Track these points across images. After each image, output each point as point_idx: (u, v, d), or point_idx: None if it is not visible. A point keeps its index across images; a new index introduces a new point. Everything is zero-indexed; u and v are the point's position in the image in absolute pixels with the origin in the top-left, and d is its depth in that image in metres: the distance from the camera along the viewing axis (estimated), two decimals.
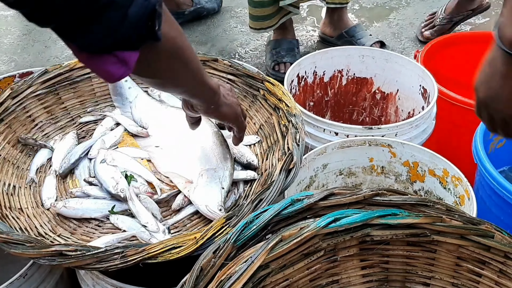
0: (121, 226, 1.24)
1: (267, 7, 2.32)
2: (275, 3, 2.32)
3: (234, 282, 0.87)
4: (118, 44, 0.80)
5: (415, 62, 1.76)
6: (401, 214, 0.97)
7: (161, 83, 1.03)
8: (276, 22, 2.40)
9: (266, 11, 2.34)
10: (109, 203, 1.28)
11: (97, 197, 1.30)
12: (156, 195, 1.29)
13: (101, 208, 1.27)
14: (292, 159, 1.23)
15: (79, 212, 1.26)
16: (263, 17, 2.37)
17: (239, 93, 1.53)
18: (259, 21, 2.39)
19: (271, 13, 2.35)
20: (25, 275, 1.17)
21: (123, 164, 1.34)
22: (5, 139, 1.38)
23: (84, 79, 1.53)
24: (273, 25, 2.40)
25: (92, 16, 0.76)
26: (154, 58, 0.90)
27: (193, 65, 1.03)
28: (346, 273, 1.01)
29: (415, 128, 1.51)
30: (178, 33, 0.95)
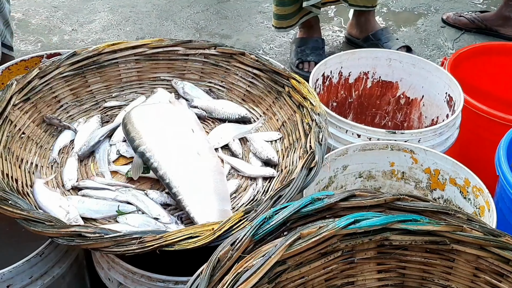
0: (133, 224, 1.20)
1: (288, 6, 2.33)
2: (295, 2, 2.31)
3: (251, 275, 0.87)
4: None
5: (443, 69, 1.75)
6: (421, 221, 0.96)
7: None
8: (296, 22, 2.40)
9: (287, 10, 2.34)
10: (111, 204, 1.24)
11: (99, 197, 1.26)
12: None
13: (102, 209, 1.23)
14: (313, 157, 1.22)
15: (80, 211, 1.21)
16: (284, 16, 2.37)
17: (263, 88, 1.53)
18: (280, 20, 2.39)
19: (291, 12, 2.35)
20: (42, 254, 1.18)
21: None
22: (30, 118, 1.39)
23: (111, 64, 1.54)
24: (292, 25, 2.40)
25: None
26: None
27: None
28: (362, 275, 1.01)
29: (438, 135, 1.50)
30: None
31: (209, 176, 1.28)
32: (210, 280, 0.88)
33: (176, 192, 1.23)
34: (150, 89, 1.58)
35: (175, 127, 1.38)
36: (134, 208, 1.24)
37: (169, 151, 1.30)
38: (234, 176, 1.37)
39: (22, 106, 1.38)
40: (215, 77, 1.59)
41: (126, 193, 1.26)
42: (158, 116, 1.40)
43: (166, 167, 1.26)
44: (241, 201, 1.30)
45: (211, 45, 1.58)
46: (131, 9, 2.97)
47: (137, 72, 1.58)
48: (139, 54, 1.56)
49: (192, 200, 1.23)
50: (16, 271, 1.15)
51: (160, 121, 1.38)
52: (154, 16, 2.93)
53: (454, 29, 2.84)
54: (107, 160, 1.37)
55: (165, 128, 1.36)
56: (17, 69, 1.72)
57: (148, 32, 2.80)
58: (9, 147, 1.30)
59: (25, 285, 1.18)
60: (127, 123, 1.36)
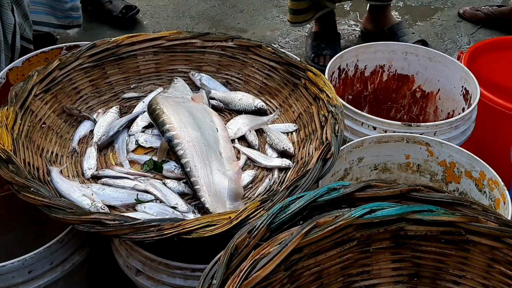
0: (151, 213, 1.22)
1: (303, 0, 2.33)
2: None
3: (267, 262, 0.88)
4: None
5: (459, 63, 1.74)
6: (437, 211, 0.97)
7: None
8: (311, 17, 2.40)
9: (301, 5, 2.35)
10: (130, 192, 1.27)
11: (118, 186, 1.29)
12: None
13: (121, 197, 1.25)
14: (329, 149, 1.24)
15: (99, 198, 1.23)
16: (298, 11, 2.37)
17: (280, 80, 1.54)
18: (295, 15, 2.40)
19: (306, 7, 2.35)
20: (62, 241, 1.21)
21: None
22: (51, 108, 1.42)
23: (130, 56, 1.56)
24: (308, 20, 2.41)
25: None
26: None
27: None
28: (377, 265, 1.02)
29: (454, 128, 1.50)
30: None
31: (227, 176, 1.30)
32: (228, 267, 0.89)
33: (194, 181, 1.25)
34: (167, 81, 1.60)
35: (203, 123, 1.40)
36: (152, 197, 1.26)
37: (195, 143, 1.32)
38: (250, 167, 1.39)
39: (43, 96, 1.41)
40: (232, 69, 1.61)
41: (144, 182, 1.28)
42: (187, 109, 1.43)
43: (190, 157, 1.29)
44: (257, 191, 1.32)
45: (228, 38, 1.60)
46: (148, 2, 2.99)
47: (155, 64, 1.60)
48: (157, 46, 1.58)
49: (208, 192, 1.25)
50: (37, 257, 1.18)
51: (189, 113, 1.41)
52: (171, 9, 2.95)
53: (470, 23, 2.82)
54: (125, 150, 1.39)
55: (193, 122, 1.39)
56: (37, 61, 1.75)
57: (164, 25, 2.81)
58: (30, 136, 1.33)
59: (45, 271, 1.21)
60: (156, 108, 1.38)
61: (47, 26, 2.37)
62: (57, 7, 2.32)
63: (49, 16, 2.32)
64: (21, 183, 1.12)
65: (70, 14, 2.36)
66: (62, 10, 2.33)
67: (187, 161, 1.28)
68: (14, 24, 1.99)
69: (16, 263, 1.16)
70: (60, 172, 1.30)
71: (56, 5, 2.30)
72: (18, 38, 2.02)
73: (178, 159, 1.30)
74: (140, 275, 1.20)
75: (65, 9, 2.34)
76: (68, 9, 2.34)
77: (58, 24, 2.37)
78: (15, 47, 2.02)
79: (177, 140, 1.32)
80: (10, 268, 1.16)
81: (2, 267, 1.15)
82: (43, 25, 2.36)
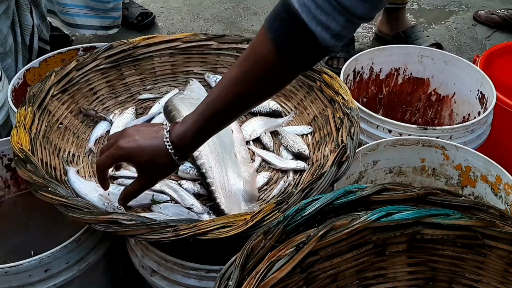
0: (166, 213, 1.23)
1: None
2: None
3: (284, 265, 0.89)
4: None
5: (475, 66, 1.74)
6: (454, 215, 0.97)
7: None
8: None
9: None
10: (146, 193, 1.24)
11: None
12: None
13: (137, 197, 1.23)
14: (345, 151, 1.24)
15: (116, 198, 1.22)
16: None
17: (295, 82, 1.54)
18: None
19: None
20: (79, 240, 1.22)
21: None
22: (68, 109, 1.43)
23: (146, 57, 1.57)
24: None
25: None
26: None
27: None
28: (393, 269, 1.02)
29: (470, 132, 1.50)
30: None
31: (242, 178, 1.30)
32: (244, 268, 0.90)
33: (210, 182, 1.25)
34: (183, 82, 1.60)
35: None
36: (168, 198, 1.26)
37: (211, 145, 1.32)
38: (265, 169, 1.39)
39: (60, 97, 1.42)
40: None
41: (160, 182, 1.28)
42: None
43: (206, 158, 1.29)
44: (271, 193, 1.32)
45: (244, 40, 1.60)
46: (162, 4, 3.01)
47: (171, 66, 1.61)
48: (173, 48, 1.59)
49: (223, 193, 1.25)
50: (54, 256, 1.19)
51: None
52: (185, 11, 2.96)
53: (485, 27, 2.81)
54: None
55: None
56: (54, 62, 1.77)
57: (179, 27, 2.83)
58: (48, 136, 1.34)
59: (61, 270, 1.22)
60: (172, 109, 1.39)
61: (89, 29, 2.40)
62: (99, 8, 2.34)
63: (91, 18, 2.34)
64: (39, 182, 1.13)
65: (111, 14, 2.39)
66: (105, 10, 2.36)
67: (203, 162, 1.28)
68: (32, 25, 2.01)
69: (33, 262, 1.17)
70: (77, 172, 1.31)
71: (98, 6, 2.32)
72: (36, 39, 2.05)
73: (193, 160, 1.31)
74: (155, 275, 1.21)
75: (107, 9, 2.36)
76: (109, 9, 2.37)
77: (99, 26, 2.39)
78: (32, 48, 2.05)
79: None
80: (27, 267, 1.17)
81: (19, 266, 1.16)
82: (85, 28, 2.39)
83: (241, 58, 1.05)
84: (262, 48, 1.00)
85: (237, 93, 1.05)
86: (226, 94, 1.05)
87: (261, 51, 1.01)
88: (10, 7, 1.91)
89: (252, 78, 1.03)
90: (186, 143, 1.10)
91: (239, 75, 1.04)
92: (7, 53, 1.93)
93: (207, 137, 1.13)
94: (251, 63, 1.03)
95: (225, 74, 1.09)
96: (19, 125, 1.26)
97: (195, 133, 1.09)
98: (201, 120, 1.08)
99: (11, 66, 1.96)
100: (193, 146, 1.13)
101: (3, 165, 1.51)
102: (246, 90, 1.04)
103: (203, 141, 1.14)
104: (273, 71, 1.02)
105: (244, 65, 1.04)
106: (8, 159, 1.51)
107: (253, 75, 1.03)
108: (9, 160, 1.51)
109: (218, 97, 1.06)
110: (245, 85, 1.04)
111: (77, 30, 2.41)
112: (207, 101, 1.08)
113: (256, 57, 1.02)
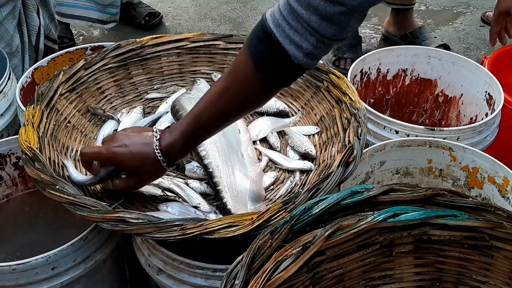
0: (173, 212, 1.23)
1: None
2: None
3: (290, 264, 0.89)
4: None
5: (483, 68, 1.73)
6: (461, 216, 0.97)
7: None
8: None
9: None
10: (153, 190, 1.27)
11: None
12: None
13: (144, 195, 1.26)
14: (352, 152, 1.23)
15: (123, 196, 1.23)
16: None
17: (302, 82, 1.54)
18: None
19: None
20: (86, 238, 1.22)
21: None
22: (76, 108, 1.44)
23: (154, 57, 1.57)
24: None
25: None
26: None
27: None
28: (399, 269, 1.01)
29: (477, 134, 1.49)
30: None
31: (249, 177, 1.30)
32: (250, 268, 0.90)
33: (217, 182, 1.26)
34: (190, 82, 1.61)
35: None
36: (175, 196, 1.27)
37: (218, 144, 1.33)
38: (272, 169, 1.39)
39: (68, 95, 1.43)
40: None
41: (168, 180, 1.29)
42: None
43: (213, 157, 1.29)
44: (278, 193, 1.32)
45: None
46: (170, 4, 3.02)
47: (178, 65, 1.61)
48: (180, 47, 1.59)
49: (230, 193, 1.26)
50: (61, 254, 1.19)
51: None
52: (192, 11, 2.97)
53: None
54: None
55: None
56: (62, 60, 1.78)
57: (186, 27, 2.84)
58: (56, 135, 1.35)
59: (68, 268, 1.23)
60: (179, 109, 1.39)
61: (85, 21, 2.41)
62: (98, 2, 2.35)
63: (88, 10, 2.36)
64: (47, 180, 1.13)
65: (109, 9, 2.40)
66: (103, 5, 2.37)
67: (210, 161, 1.29)
68: (39, 26, 2.02)
69: (40, 260, 1.17)
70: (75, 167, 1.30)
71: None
72: (42, 39, 2.06)
73: (200, 159, 1.31)
74: (162, 274, 1.21)
75: (105, 4, 2.38)
76: (108, 4, 2.38)
77: (96, 18, 2.41)
78: (38, 48, 2.06)
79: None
80: (34, 265, 1.17)
81: (26, 263, 1.17)
82: (81, 19, 2.40)
83: (226, 72, 1.13)
84: (242, 64, 1.07)
85: (221, 106, 1.11)
86: (211, 107, 1.11)
87: (242, 67, 1.07)
88: (16, 7, 1.93)
89: (234, 93, 1.09)
90: (175, 151, 1.16)
91: (222, 89, 1.10)
92: (13, 53, 1.94)
93: (194, 145, 1.22)
94: (233, 78, 1.09)
95: (211, 87, 1.15)
96: (27, 124, 1.27)
97: (183, 143, 1.15)
98: (188, 130, 1.15)
99: (18, 65, 1.97)
100: (181, 154, 1.19)
101: (11, 163, 1.52)
102: (229, 104, 1.11)
103: (191, 148, 1.22)
104: (252, 86, 1.07)
105: (228, 79, 1.10)
106: (16, 157, 1.51)
107: (235, 90, 1.09)
108: (17, 159, 1.52)
109: (204, 109, 1.13)
110: (229, 99, 1.10)
111: (73, 20, 2.42)
112: (194, 113, 1.14)
113: (238, 72, 1.08)
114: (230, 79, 1.10)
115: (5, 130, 1.64)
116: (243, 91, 1.08)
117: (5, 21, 1.89)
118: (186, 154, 1.22)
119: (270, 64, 1.03)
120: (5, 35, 1.90)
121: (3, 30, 1.89)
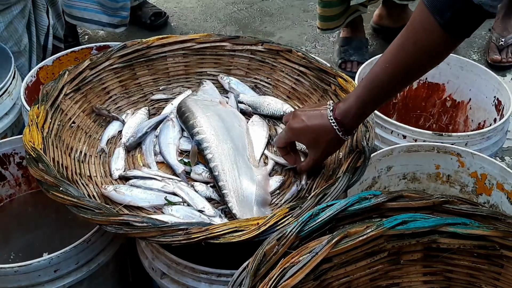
0: (177, 216, 1.21)
1: (336, 7, 2.29)
2: (343, 3, 2.28)
3: (297, 271, 0.87)
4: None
5: (492, 73, 1.72)
6: (471, 225, 0.95)
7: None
8: (343, 22, 2.36)
9: (334, 11, 2.31)
10: (158, 194, 1.26)
11: (146, 187, 1.28)
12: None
13: (148, 198, 1.24)
14: (360, 157, 1.22)
15: (127, 199, 1.23)
16: (331, 17, 2.33)
17: (309, 85, 1.52)
18: (327, 22, 2.35)
19: (338, 13, 2.32)
20: (89, 241, 1.21)
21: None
22: (80, 108, 1.42)
23: (160, 57, 1.56)
24: (339, 25, 2.37)
25: None
26: None
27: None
28: (407, 277, 1.00)
29: (486, 139, 1.48)
30: None
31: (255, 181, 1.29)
32: (256, 274, 0.89)
33: (222, 185, 1.24)
34: (196, 83, 1.59)
35: (232, 127, 1.39)
36: (180, 200, 1.25)
37: (224, 147, 1.32)
38: (278, 173, 1.38)
39: (73, 96, 1.42)
40: (261, 73, 1.60)
41: (172, 184, 1.27)
42: (217, 112, 1.42)
43: (219, 161, 1.28)
44: (284, 198, 1.30)
45: (258, 42, 1.59)
46: (176, 4, 3.00)
47: (184, 66, 1.60)
48: (187, 48, 1.58)
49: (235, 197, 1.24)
50: (64, 256, 1.18)
51: (218, 117, 1.40)
52: (198, 12, 2.95)
53: None
54: (153, 152, 1.39)
55: (222, 125, 1.38)
56: (68, 60, 1.77)
57: (192, 27, 2.82)
58: (60, 135, 1.33)
59: (71, 271, 1.22)
60: (185, 111, 1.38)
61: (96, 24, 2.40)
62: (108, 6, 2.34)
63: (99, 14, 2.34)
64: (50, 182, 1.12)
65: (120, 13, 2.39)
66: (113, 8, 2.36)
67: (216, 165, 1.27)
68: (47, 26, 2.01)
69: (43, 262, 1.17)
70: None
71: (108, 3, 2.32)
72: (50, 39, 2.05)
73: (206, 162, 1.30)
74: (165, 278, 1.20)
75: (116, 8, 2.36)
76: (118, 8, 2.37)
77: (107, 22, 2.40)
78: (47, 48, 2.05)
79: (206, 143, 1.32)
80: (37, 267, 1.16)
81: (29, 266, 1.16)
82: (92, 23, 2.39)
83: (402, 31, 1.07)
84: (419, 15, 1.02)
85: (399, 62, 1.08)
86: (387, 66, 1.09)
87: (419, 18, 1.03)
88: (26, 7, 1.92)
89: (411, 46, 1.05)
90: (350, 117, 1.17)
91: (399, 46, 1.07)
92: (21, 52, 1.93)
93: (370, 110, 1.19)
94: (410, 31, 1.05)
95: (388, 48, 1.11)
96: (31, 124, 1.26)
97: (359, 107, 1.15)
98: (364, 93, 1.14)
99: (24, 65, 1.96)
100: (356, 120, 1.19)
101: (14, 163, 1.51)
102: (407, 59, 1.06)
103: (366, 115, 1.21)
104: (430, 35, 1.02)
105: (404, 34, 1.06)
106: (20, 157, 1.50)
107: (412, 42, 1.05)
108: (20, 158, 1.51)
109: (380, 70, 1.11)
110: (407, 54, 1.06)
111: (83, 24, 2.40)
112: (370, 74, 1.13)
113: (414, 24, 1.04)
114: (406, 34, 1.06)
115: (9, 130, 1.63)
116: (421, 43, 1.04)
117: (14, 20, 1.88)
118: (361, 121, 1.22)
119: (448, 7, 0.98)
120: (14, 34, 1.89)
121: (12, 29, 1.88)
